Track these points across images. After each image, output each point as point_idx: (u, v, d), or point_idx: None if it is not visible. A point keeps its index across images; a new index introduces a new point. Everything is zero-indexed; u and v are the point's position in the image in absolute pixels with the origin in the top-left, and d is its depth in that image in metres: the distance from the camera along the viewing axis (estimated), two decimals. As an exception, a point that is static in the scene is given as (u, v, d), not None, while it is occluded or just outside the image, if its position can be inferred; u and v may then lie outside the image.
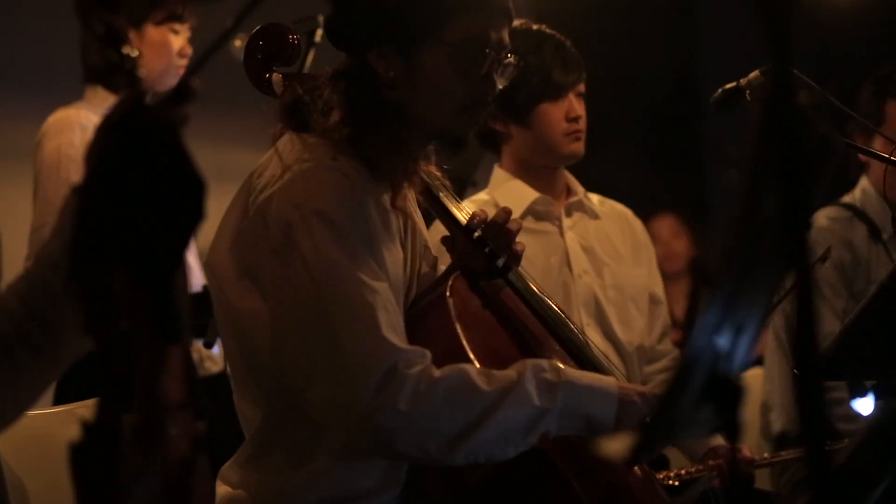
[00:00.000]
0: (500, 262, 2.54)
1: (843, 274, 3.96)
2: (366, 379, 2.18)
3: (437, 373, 2.24)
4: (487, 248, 2.53)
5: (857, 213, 4.08)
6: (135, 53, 1.45)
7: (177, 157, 1.35)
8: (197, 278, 4.25)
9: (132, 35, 3.93)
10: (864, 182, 4.15)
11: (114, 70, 1.47)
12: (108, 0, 1.51)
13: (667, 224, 6.68)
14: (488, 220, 2.55)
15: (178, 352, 1.36)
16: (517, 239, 2.59)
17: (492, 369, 2.29)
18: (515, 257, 2.59)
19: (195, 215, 1.36)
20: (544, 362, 2.34)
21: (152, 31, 4.01)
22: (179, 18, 4.06)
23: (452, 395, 2.22)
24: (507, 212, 2.56)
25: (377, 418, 2.19)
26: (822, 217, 4.04)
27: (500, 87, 2.48)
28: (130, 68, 1.44)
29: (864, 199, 4.11)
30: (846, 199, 4.15)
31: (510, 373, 2.29)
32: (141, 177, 1.34)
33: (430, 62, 2.41)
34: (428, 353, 2.26)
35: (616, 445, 1.88)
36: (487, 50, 2.42)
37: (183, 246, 1.37)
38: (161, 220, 1.35)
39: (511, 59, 2.47)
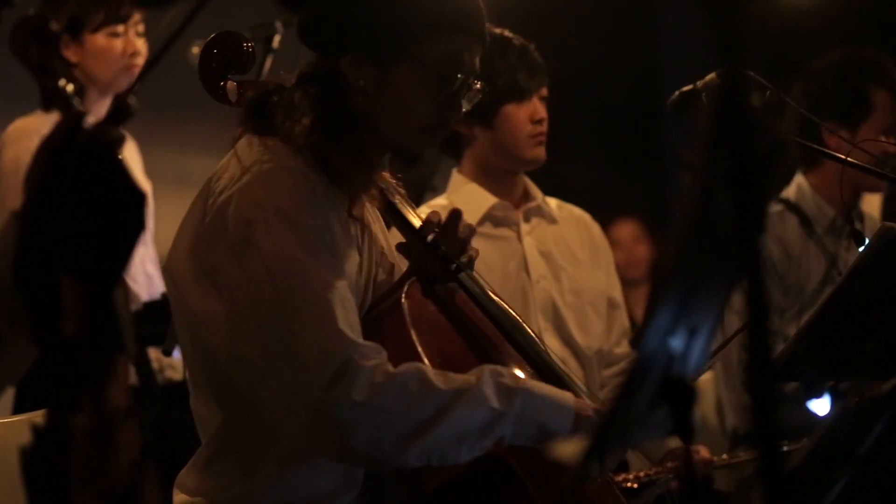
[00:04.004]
0: (454, 265, 2.53)
1: (773, 268, 3.95)
2: (320, 371, 2.16)
3: (392, 369, 2.22)
4: (441, 252, 2.52)
5: (790, 207, 4.08)
6: (70, 88, 1.51)
7: (115, 175, 1.40)
8: (157, 287, 4.23)
9: (74, 48, 3.90)
10: (799, 178, 4.14)
11: (51, 96, 1.54)
12: (41, 36, 1.54)
13: (629, 228, 6.59)
14: (442, 222, 2.54)
15: (124, 360, 1.37)
16: (472, 245, 2.58)
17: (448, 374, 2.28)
18: (470, 260, 2.58)
19: (136, 227, 1.41)
20: (503, 368, 2.32)
21: (91, 39, 3.97)
22: (118, 20, 4.01)
23: (408, 391, 2.20)
24: (457, 213, 2.55)
25: (331, 410, 2.16)
26: None
27: (464, 110, 2.48)
28: (65, 97, 1.49)
29: (799, 195, 4.10)
30: (781, 194, 4.13)
31: (468, 376, 2.28)
32: (81, 195, 1.40)
33: (403, 78, 2.40)
34: (384, 350, 2.24)
35: (572, 450, 1.88)
36: (460, 74, 2.42)
37: (126, 257, 1.41)
38: (103, 235, 1.40)
39: (478, 85, 2.47)
